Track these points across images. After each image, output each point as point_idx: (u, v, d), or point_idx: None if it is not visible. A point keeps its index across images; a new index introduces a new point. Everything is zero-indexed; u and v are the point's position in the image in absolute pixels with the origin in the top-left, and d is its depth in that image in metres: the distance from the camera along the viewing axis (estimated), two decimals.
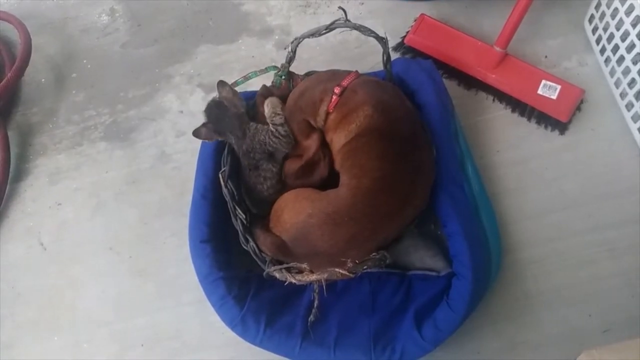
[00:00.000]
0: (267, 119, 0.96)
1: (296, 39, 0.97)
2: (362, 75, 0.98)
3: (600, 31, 1.15)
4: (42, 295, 1.13)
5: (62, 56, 1.37)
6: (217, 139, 0.99)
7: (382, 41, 0.96)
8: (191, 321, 1.07)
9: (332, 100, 0.94)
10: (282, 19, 1.34)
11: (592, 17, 1.17)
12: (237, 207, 0.97)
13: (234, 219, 0.97)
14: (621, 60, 1.08)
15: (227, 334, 0.98)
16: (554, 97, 1.11)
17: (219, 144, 1.03)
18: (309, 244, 0.88)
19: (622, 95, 1.11)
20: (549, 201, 1.08)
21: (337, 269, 0.87)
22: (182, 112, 1.27)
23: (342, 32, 1.05)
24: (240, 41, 1.33)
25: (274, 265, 0.92)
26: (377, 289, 0.98)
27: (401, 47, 1.24)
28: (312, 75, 1.03)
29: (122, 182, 1.22)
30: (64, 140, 1.28)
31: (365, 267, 0.89)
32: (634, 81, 1.05)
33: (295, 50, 0.98)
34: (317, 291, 0.91)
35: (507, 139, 1.15)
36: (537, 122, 1.15)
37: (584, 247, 1.04)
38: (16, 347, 1.10)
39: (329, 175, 0.96)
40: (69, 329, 1.10)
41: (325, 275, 0.88)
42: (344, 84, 0.94)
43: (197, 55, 1.33)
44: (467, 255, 0.92)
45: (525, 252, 1.05)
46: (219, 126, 0.97)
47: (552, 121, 1.13)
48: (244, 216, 0.96)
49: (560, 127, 1.13)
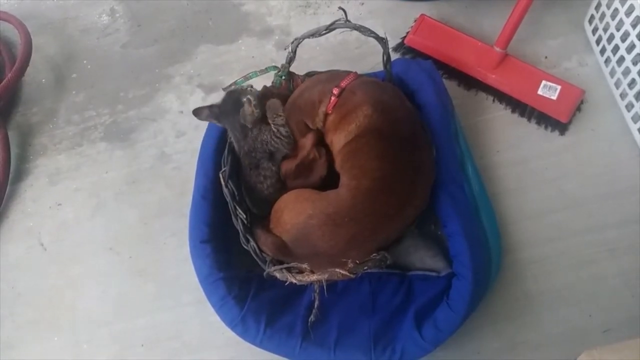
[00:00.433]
0: (268, 120, 0.96)
1: (296, 39, 0.97)
2: (362, 76, 0.98)
3: (600, 31, 1.15)
4: (42, 295, 1.13)
5: (62, 56, 1.37)
6: (214, 122, 1.00)
7: (382, 41, 0.96)
8: (191, 321, 1.07)
9: (331, 101, 0.94)
10: (282, 19, 1.34)
11: (592, 17, 1.18)
12: (238, 207, 0.97)
13: (234, 219, 0.97)
14: (621, 60, 1.08)
15: (227, 334, 0.98)
16: (554, 97, 1.12)
17: (220, 145, 1.03)
18: (310, 245, 0.88)
19: (622, 95, 1.11)
20: (549, 201, 1.08)
21: (337, 270, 0.87)
22: (182, 112, 1.27)
23: (342, 32, 1.05)
24: (240, 41, 1.33)
25: (274, 265, 0.92)
26: (377, 290, 0.98)
27: (401, 47, 1.24)
28: (312, 76, 1.03)
29: (122, 183, 1.22)
30: (64, 140, 1.28)
31: (365, 268, 0.89)
32: (634, 82, 1.05)
33: (295, 50, 0.98)
34: (317, 291, 0.91)
35: (507, 139, 1.15)
36: (537, 123, 1.15)
37: (584, 247, 1.04)
38: (16, 347, 1.10)
39: (330, 175, 0.96)
40: (69, 329, 1.10)
41: (325, 275, 0.88)
42: (343, 85, 0.94)
43: (197, 55, 1.33)
44: (467, 255, 0.92)
45: (525, 252, 1.05)
46: (223, 118, 0.98)
47: (552, 121, 1.13)
48: (245, 216, 0.96)
49: (560, 127, 1.13)
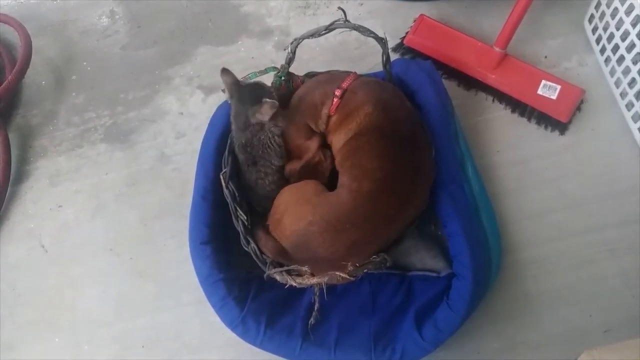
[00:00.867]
0: (265, 125, 0.95)
1: (296, 39, 0.97)
2: (361, 76, 0.98)
3: (600, 31, 1.15)
4: (43, 296, 1.13)
5: (62, 58, 1.37)
6: (226, 93, 0.98)
7: (382, 42, 0.96)
8: (191, 322, 1.07)
9: (334, 102, 0.94)
10: (281, 20, 1.34)
11: (592, 16, 1.17)
12: (239, 208, 0.97)
13: (235, 220, 0.97)
14: (621, 60, 1.08)
15: (227, 335, 0.98)
16: (554, 97, 1.11)
17: (220, 145, 1.03)
18: (310, 251, 0.88)
19: (622, 95, 1.11)
20: (549, 201, 1.08)
21: (337, 273, 0.87)
22: (182, 113, 1.28)
23: (342, 32, 1.04)
24: (239, 42, 1.33)
25: (274, 267, 0.92)
26: (377, 290, 0.98)
27: (401, 47, 1.24)
28: (311, 77, 1.03)
29: (122, 184, 1.22)
30: (64, 142, 1.28)
31: (365, 270, 0.89)
32: (634, 81, 1.05)
33: (294, 51, 0.98)
34: (317, 294, 0.91)
35: (507, 139, 1.15)
36: (537, 123, 1.15)
37: (584, 247, 1.04)
38: (17, 347, 1.10)
39: (330, 174, 0.96)
40: (70, 329, 1.10)
41: (325, 278, 0.87)
42: (344, 85, 0.94)
43: (196, 56, 1.33)
44: (467, 255, 0.92)
45: (525, 252, 1.05)
46: (236, 99, 0.96)
47: (552, 121, 1.13)
48: (245, 217, 0.96)
49: (560, 127, 1.13)
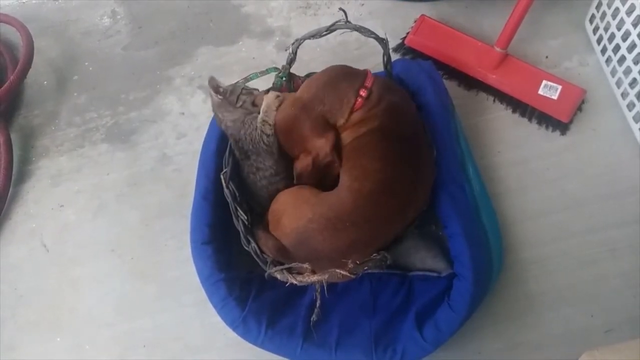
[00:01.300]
0: (259, 117, 0.93)
1: (297, 40, 0.97)
2: (375, 75, 0.95)
3: (601, 31, 1.15)
4: (44, 296, 1.14)
5: (64, 59, 1.38)
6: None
7: (383, 42, 0.96)
8: (192, 322, 1.07)
9: (358, 101, 0.90)
10: (282, 21, 1.34)
11: (593, 17, 1.17)
12: (239, 208, 0.97)
13: (235, 220, 0.97)
14: (622, 60, 1.07)
15: (228, 335, 0.98)
16: (555, 97, 1.11)
17: (221, 146, 1.03)
18: (310, 249, 0.88)
19: (624, 95, 1.11)
20: (550, 201, 1.08)
21: (338, 270, 0.87)
22: (183, 114, 1.28)
23: (343, 33, 1.05)
24: (240, 43, 1.33)
25: (275, 266, 0.92)
26: (378, 290, 0.98)
27: (401, 48, 1.24)
28: (325, 70, 0.97)
29: (123, 184, 1.22)
30: (66, 142, 1.28)
31: (365, 268, 0.89)
32: (635, 81, 1.05)
33: (295, 51, 0.98)
34: (318, 291, 0.91)
35: (508, 139, 1.15)
36: (538, 123, 1.15)
37: (586, 247, 1.04)
38: (18, 348, 1.10)
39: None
40: (71, 330, 1.10)
41: (326, 276, 0.88)
42: (368, 85, 0.91)
43: (197, 57, 1.33)
44: (468, 255, 0.92)
45: (526, 252, 1.05)
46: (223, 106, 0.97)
47: (553, 121, 1.13)
48: (246, 217, 0.96)
49: (561, 127, 1.13)
